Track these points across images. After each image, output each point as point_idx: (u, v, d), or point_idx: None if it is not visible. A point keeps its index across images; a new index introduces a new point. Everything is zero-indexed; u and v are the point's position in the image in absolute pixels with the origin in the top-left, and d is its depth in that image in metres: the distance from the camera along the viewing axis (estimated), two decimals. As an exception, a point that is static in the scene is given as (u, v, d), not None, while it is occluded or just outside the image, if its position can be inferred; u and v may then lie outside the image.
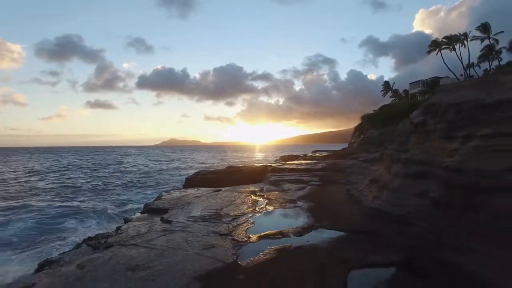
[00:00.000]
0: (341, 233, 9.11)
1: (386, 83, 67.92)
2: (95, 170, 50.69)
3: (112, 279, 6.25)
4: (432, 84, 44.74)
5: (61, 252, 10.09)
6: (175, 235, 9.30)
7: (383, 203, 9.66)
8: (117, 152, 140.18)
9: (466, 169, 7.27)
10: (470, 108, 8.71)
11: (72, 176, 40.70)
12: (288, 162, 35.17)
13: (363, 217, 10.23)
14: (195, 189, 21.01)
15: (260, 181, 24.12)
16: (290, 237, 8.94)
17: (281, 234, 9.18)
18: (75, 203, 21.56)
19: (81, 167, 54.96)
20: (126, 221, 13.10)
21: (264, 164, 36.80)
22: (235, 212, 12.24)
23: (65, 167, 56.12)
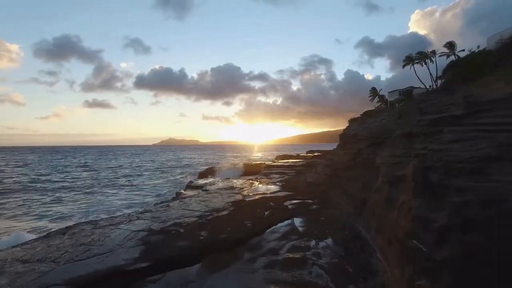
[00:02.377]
0: (291, 193, 19.38)
1: (374, 89, 77.78)
2: (120, 167, 60.95)
3: (196, 202, 16.45)
4: (407, 93, 55.17)
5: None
6: (214, 194, 19.53)
7: (312, 179, 20.02)
8: (122, 152, 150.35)
9: (336, 161, 17.58)
10: (350, 135, 19.02)
11: (103, 175, 50.82)
12: (279, 161, 45.68)
13: (304, 186, 20.55)
14: (212, 178, 31.44)
15: (256, 174, 34.42)
16: (267, 194, 19.21)
17: (264, 193, 19.44)
18: (128, 194, 31.90)
19: (111, 167, 65.05)
20: (178, 194, 23.31)
21: (260, 162, 47.23)
22: (241, 187, 22.49)
23: (86, 166, 66.22)
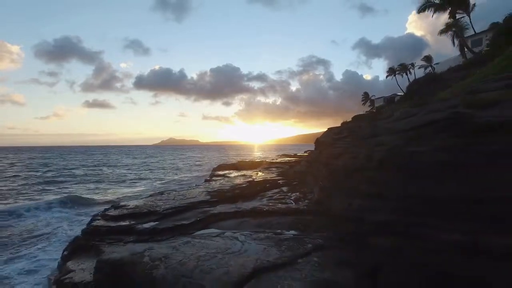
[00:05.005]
0: (283, 177, 30.08)
1: (365, 94, 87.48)
2: (136, 166, 71.60)
3: (224, 181, 27.09)
4: (391, 100, 65.33)
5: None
6: (233, 178, 30.18)
7: (297, 169, 30.77)
8: (129, 152, 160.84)
9: (312, 157, 28.28)
10: (320, 141, 29.69)
11: (124, 171, 61.37)
12: (278, 159, 56.68)
13: (292, 174, 31.23)
14: (226, 171, 42.23)
15: (259, 168, 45.14)
16: (268, 178, 29.92)
17: (265, 178, 30.12)
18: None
19: (127, 165, 75.61)
20: (207, 180, 33.99)
21: (262, 160, 58.13)
22: (250, 175, 33.17)
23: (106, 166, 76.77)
